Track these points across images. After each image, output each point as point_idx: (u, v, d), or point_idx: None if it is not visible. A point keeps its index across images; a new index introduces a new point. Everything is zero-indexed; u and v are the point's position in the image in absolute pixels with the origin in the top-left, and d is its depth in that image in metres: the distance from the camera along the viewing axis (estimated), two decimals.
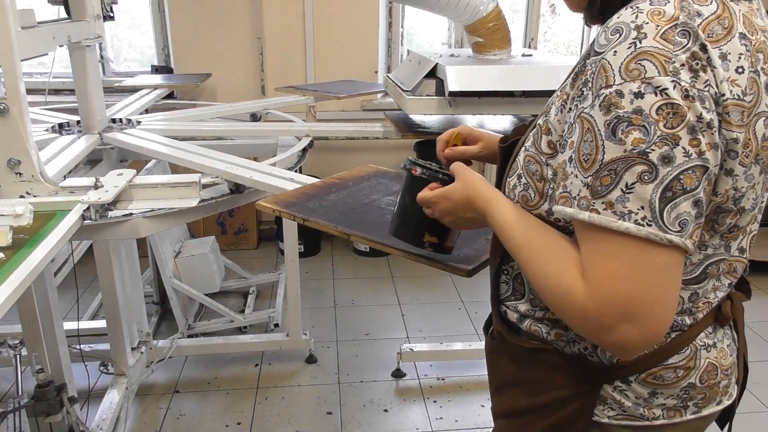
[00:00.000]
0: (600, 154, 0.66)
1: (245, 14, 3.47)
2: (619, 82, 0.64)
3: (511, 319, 0.91)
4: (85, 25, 1.83)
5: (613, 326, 0.66)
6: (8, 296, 0.95)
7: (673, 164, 0.63)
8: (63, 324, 1.80)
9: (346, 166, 1.61)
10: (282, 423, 2.28)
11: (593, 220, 0.66)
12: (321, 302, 3.18)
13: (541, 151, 0.79)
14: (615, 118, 0.64)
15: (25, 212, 1.15)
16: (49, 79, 3.33)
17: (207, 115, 2.48)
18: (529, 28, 3.79)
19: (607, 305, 0.66)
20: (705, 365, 0.83)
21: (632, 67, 0.64)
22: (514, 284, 0.90)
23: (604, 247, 0.66)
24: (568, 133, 0.72)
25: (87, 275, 3.07)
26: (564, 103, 0.75)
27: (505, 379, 0.96)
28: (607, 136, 0.65)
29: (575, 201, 0.69)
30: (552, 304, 0.73)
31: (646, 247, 0.65)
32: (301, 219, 1.17)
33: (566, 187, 0.70)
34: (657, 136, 0.63)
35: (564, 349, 0.86)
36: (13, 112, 1.32)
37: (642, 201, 0.64)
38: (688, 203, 0.65)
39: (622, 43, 0.65)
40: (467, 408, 2.37)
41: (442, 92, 1.99)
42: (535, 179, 0.80)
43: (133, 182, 1.48)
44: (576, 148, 0.69)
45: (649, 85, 0.63)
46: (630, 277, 0.65)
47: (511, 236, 0.78)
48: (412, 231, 0.97)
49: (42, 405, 1.64)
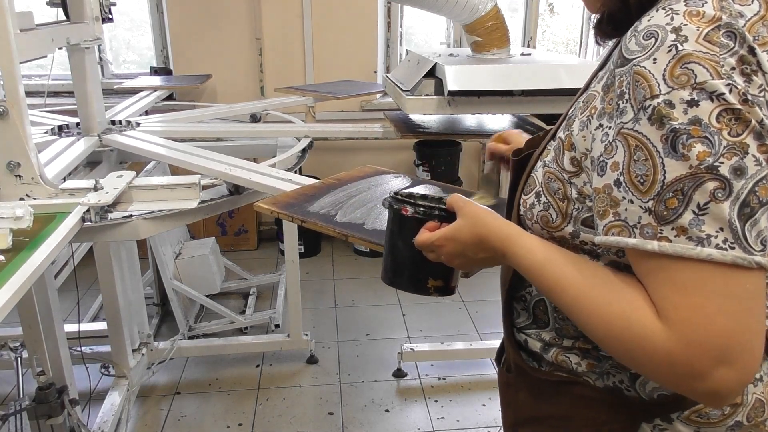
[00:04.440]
0: (660, 174, 0.58)
1: (244, 15, 3.47)
2: (665, 91, 0.58)
3: (533, 349, 0.84)
4: (83, 27, 1.83)
5: (707, 371, 0.57)
6: (9, 299, 0.95)
7: (746, 176, 0.56)
8: (64, 326, 1.80)
9: (346, 166, 1.61)
10: (283, 424, 2.28)
11: (665, 249, 0.58)
12: (321, 303, 3.18)
13: (564, 168, 0.71)
14: (671, 132, 0.57)
15: (25, 215, 1.15)
16: (48, 82, 3.33)
17: (206, 117, 2.49)
18: (528, 27, 3.79)
19: (699, 348, 0.57)
20: (753, 401, 0.73)
21: (678, 72, 0.57)
22: (535, 312, 0.83)
23: (683, 279, 0.58)
24: (606, 152, 0.63)
25: (87, 277, 3.07)
26: (590, 117, 0.68)
27: (524, 414, 0.87)
28: (666, 152, 0.57)
29: (636, 230, 0.60)
30: (620, 353, 0.63)
31: (733, 273, 0.57)
32: (300, 220, 1.17)
33: (619, 215, 0.62)
34: (723, 147, 0.56)
35: (596, 382, 0.78)
36: (13, 114, 1.32)
37: (720, 222, 0.56)
38: (766, 217, 0.57)
39: (660, 48, 0.59)
40: (469, 407, 2.37)
41: (441, 92, 1.99)
42: (557, 198, 0.72)
43: (133, 184, 1.48)
44: (624, 170, 0.61)
45: (702, 91, 0.56)
46: (721, 312, 0.56)
47: (548, 276, 0.68)
48: (412, 278, 0.84)
49: (43, 407, 1.64)
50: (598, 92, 0.69)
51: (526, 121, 2.36)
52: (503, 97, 1.96)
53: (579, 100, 0.75)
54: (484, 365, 2.61)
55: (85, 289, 3.16)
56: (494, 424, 2.27)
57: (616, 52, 0.67)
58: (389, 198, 0.85)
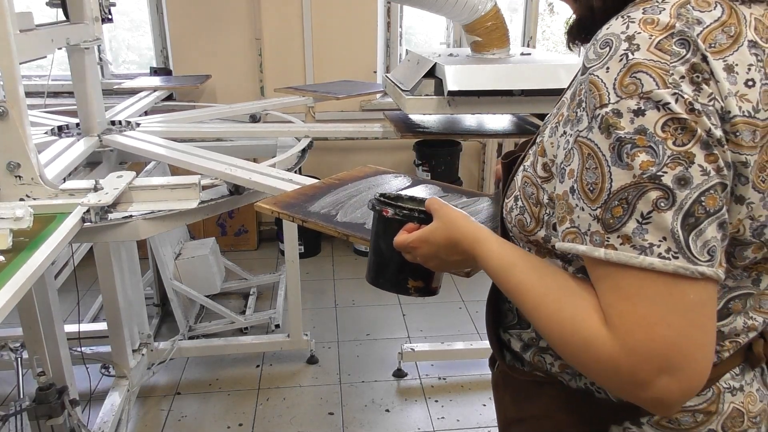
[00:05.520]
0: (607, 183, 0.58)
1: (243, 15, 3.47)
2: (614, 101, 0.58)
3: (514, 348, 0.85)
4: (83, 27, 1.83)
5: (650, 380, 0.57)
6: (9, 299, 0.95)
7: (690, 186, 0.56)
8: (64, 326, 1.80)
9: (346, 166, 1.61)
10: (283, 424, 2.28)
11: (610, 257, 0.59)
12: (322, 303, 3.18)
13: (537, 173, 0.72)
14: (617, 141, 0.58)
15: (25, 215, 1.15)
16: (48, 82, 3.33)
17: (206, 117, 2.49)
18: (528, 26, 3.79)
19: (642, 357, 0.57)
20: (729, 410, 0.73)
21: (627, 81, 0.58)
22: (518, 312, 0.84)
23: (628, 287, 0.58)
24: (566, 159, 0.64)
25: (87, 278, 3.07)
26: (558, 124, 0.69)
27: (511, 414, 0.89)
28: (613, 161, 0.58)
29: (587, 237, 0.61)
30: (570, 358, 0.64)
31: (676, 283, 0.57)
32: (300, 220, 1.17)
33: (573, 222, 0.63)
34: (667, 156, 0.56)
35: (569, 382, 0.79)
36: (13, 115, 1.32)
37: (663, 231, 0.57)
38: (714, 227, 0.57)
39: (612, 57, 0.59)
40: (469, 407, 2.37)
41: (441, 92, 1.99)
42: (531, 203, 0.73)
43: (133, 184, 1.48)
44: (578, 177, 0.61)
45: (648, 101, 0.57)
46: (664, 322, 0.56)
47: (509, 281, 0.69)
48: (393, 278, 0.87)
49: (43, 408, 1.64)
50: (567, 99, 0.69)
51: (525, 121, 2.36)
52: (503, 97, 1.96)
53: (554, 108, 0.76)
54: (484, 365, 2.59)
55: (85, 289, 3.16)
56: (494, 424, 2.26)
57: None
58: (373, 199, 0.87)
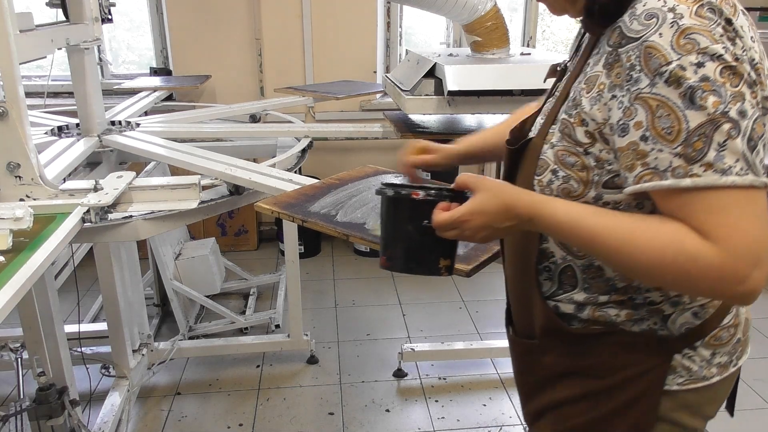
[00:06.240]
0: (684, 124, 0.70)
1: (243, 15, 3.47)
2: (676, 58, 0.70)
3: (565, 311, 0.92)
4: (83, 27, 1.83)
5: (747, 275, 0.69)
6: (9, 300, 0.95)
7: (746, 117, 0.70)
8: (64, 327, 1.80)
9: (346, 166, 1.61)
10: (284, 424, 2.28)
11: (698, 183, 0.70)
12: (322, 303, 3.18)
13: (578, 142, 0.81)
14: (688, 88, 0.70)
15: (25, 215, 1.15)
16: (47, 82, 3.33)
17: (206, 117, 2.49)
18: (528, 26, 3.79)
19: (742, 257, 0.69)
20: (744, 321, 0.91)
21: (683, 42, 0.70)
22: (561, 278, 0.91)
23: (716, 204, 0.70)
24: (625, 116, 0.74)
25: (87, 278, 3.08)
26: (601, 92, 0.78)
27: (552, 372, 0.96)
28: (686, 106, 0.70)
29: (668, 173, 0.72)
30: (674, 277, 0.73)
31: (751, 194, 0.70)
32: (300, 220, 1.17)
33: (648, 164, 0.73)
34: (729, 95, 0.69)
35: (632, 328, 0.88)
36: (12, 115, 1.32)
37: (736, 154, 0.69)
38: (762, 148, 0.72)
39: (662, 25, 0.71)
40: (469, 407, 2.37)
41: (441, 92, 1.99)
42: (575, 170, 0.82)
43: (133, 184, 1.48)
44: (648, 126, 0.72)
45: (705, 55, 0.70)
46: (752, 225, 0.70)
47: (584, 227, 0.77)
48: (426, 260, 0.87)
49: (44, 408, 1.64)
50: (600, 72, 0.79)
51: None
52: (503, 96, 1.96)
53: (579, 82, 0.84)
54: (484, 365, 2.61)
55: (85, 289, 3.16)
56: (494, 424, 2.27)
57: (604, 38, 0.81)
58: (391, 187, 0.86)
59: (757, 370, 2.56)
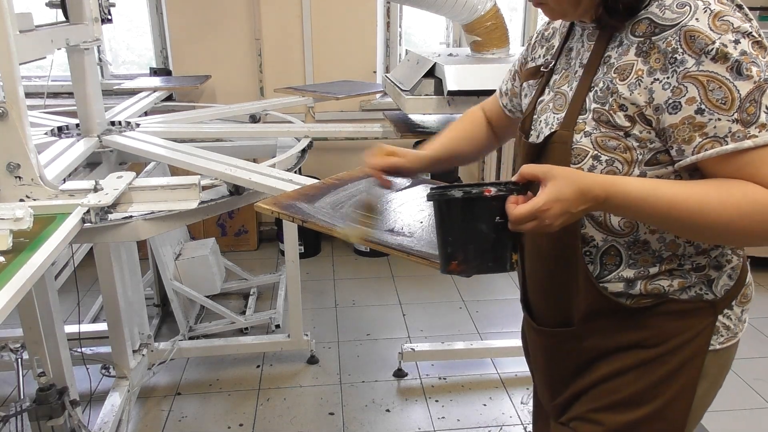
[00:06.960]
0: (736, 93, 0.80)
1: (243, 16, 3.47)
2: (717, 38, 0.80)
3: (614, 290, 0.97)
4: (83, 28, 1.83)
5: None
6: (9, 300, 0.95)
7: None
8: (64, 327, 1.80)
9: (346, 166, 1.61)
10: (284, 424, 2.28)
11: (758, 142, 0.79)
12: (322, 303, 3.18)
13: (618, 126, 0.88)
14: (735, 62, 0.79)
15: (25, 216, 1.15)
16: (47, 83, 3.33)
17: (206, 117, 2.48)
18: (528, 26, 3.79)
19: None
20: (750, 279, 1.01)
21: (718, 24, 0.80)
22: (603, 260, 0.96)
23: None
24: (674, 95, 0.82)
25: (88, 278, 3.08)
26: (639, 78, 0.85)
27: (591, 355, 1.02)
28: (734, 77, 0.80)
29: (728, 139, 0.80)
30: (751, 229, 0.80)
31: None
32: (300, 220, 1.16)
33: (707, 134, 0.81)
34: (765, 64, 0.80)
35: (681, 296, 0.95)
36: (12, 115, 1.32)
37: None
38: None
39: (696, 11, 0.81)
40: (469, 407, 2.37)
41: (440, 91, 1.99)
42: (619, 152, 0.88)
43: (133, 185, 1.48)
44: (703, 100, 0.81)
45: (738, 32, 0.80)
46: None
47: (661, 198, 0.82)
48: (502, 258, 0.87)
49: (44, 408, 1.64)
50: (633, 60, 0.86)
51: None
52: None
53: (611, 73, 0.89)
54: (484, 365, 2.61)
55: (85, 290, 3.16)
56: (494, 424, 2.27)
57: (623, 31, 0.88)
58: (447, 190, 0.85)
59: (757, 370, 2.56)
